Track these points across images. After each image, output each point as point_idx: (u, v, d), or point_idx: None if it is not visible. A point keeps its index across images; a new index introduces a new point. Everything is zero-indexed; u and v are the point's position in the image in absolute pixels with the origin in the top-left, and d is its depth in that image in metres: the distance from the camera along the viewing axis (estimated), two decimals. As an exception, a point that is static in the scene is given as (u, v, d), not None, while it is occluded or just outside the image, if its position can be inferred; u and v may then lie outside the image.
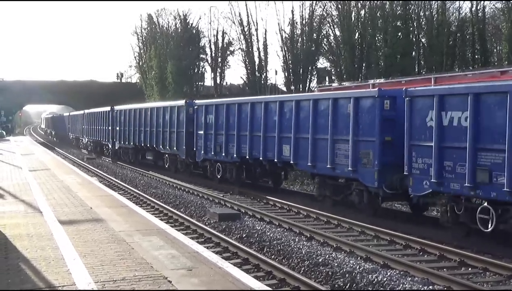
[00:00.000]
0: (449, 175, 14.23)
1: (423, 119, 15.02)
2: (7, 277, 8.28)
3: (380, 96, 16.88)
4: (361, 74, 42.29)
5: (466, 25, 40.67)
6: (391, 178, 16.50)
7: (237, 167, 24.99)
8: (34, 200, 16.23)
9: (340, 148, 18.26)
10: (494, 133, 13.12)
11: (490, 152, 13.20)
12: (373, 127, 17.04)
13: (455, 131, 14.07)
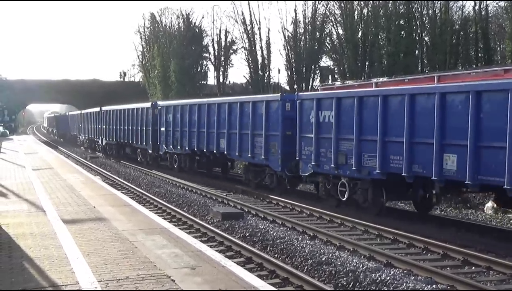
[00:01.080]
0: (323, 159, 18.91)
1: (308, 117, 19.63)
2: (10, 276, 8.29)
3: (282, 100, 21.60)
4: (364, 72, 42.31)
5: (469, 23, 40.65)
6: (290, 163, 20.93)
7: (190, 158, 29.91)
8: (38, 199, 16.24)
9: (257, 141, 22.91)
10: (348, 127, 17.60)
11: (346, 141, 17.78)
12: (277, 124, 21.73)
13: (326, 126, 18.65)
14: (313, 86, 48.84)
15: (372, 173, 16.84)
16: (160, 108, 33.60)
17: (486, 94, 13.65)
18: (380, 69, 40.59)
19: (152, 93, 65.73)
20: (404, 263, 11.91)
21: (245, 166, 25.41)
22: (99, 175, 29.76)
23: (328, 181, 19.10)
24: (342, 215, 17.11)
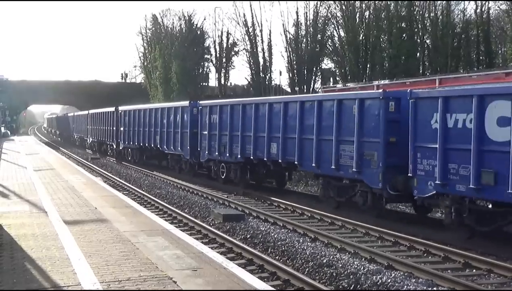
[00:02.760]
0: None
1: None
2: (12, 276, 8.31)
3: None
4: (365, 75, 42.33)
5: (471, 26, 40.68)
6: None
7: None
8: (39, 199, 16.27)
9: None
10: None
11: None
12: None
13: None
14: (314, 88, 48.90)
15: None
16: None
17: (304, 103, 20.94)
18: (382, 71, 40.63)
19: (154, 94, 65.76)
20: (405, 265, 11.92)
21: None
22: (101, 176, 29.80)
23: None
24: (343, 217, 17.12)
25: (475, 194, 13.86)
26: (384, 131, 16.94)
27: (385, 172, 16.83)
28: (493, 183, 13.25)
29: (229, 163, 26.11)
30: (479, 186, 13.58)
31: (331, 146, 18.83)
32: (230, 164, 25.99)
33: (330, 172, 19.08)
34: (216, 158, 26.99)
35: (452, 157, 14.39)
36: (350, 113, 18.23)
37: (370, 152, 17.40)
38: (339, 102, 18.78)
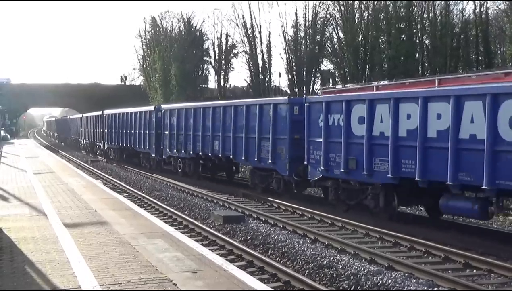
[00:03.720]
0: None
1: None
2: (12, 280, 8.31)
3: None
4: (364, 76, 42.33)
5: (470, 26, 40.68)
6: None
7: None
8: (39, 203, 16.27)
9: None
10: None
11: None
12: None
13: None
14: (313, 89, 48.88)
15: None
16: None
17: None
18: (381, 72, 40.63)
19: (153, 97, 65.77)
20: (405, 266, 11.91)
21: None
22: (100, 179, 29.77)
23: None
24: (343, 218, 17.12)
25: (345, 176, 18.41)
26: (290, 130, 21.41)
27: (291, 162, 21.29)
28: (355, 167, 17.85)
29: (184, 159, 30.92)
30: (347, 170, 18.20)
31: (254, 143, 23.40)
32: (185, 159, 30.77)
33: (254, 163, 23.89)
34: (175, 154, 31.78)
35: (331, 148, 18.88)
36: (267, 116, 22.69)
37: (281, 147, 21.87)
38: (260, 107, 23.31)
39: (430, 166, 15.27)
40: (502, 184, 13.43)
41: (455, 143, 14.47)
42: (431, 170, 15.29)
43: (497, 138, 13.49)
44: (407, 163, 16.01)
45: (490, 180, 13.56)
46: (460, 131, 14.42)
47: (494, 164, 13.53)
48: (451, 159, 14.47)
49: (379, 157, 16.96)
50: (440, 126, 15.02)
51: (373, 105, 17.23)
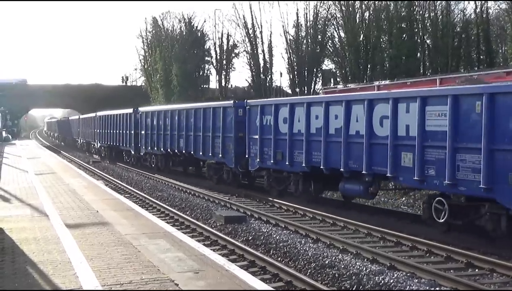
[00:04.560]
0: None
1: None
2: (14, 280, 8.30)
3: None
4: (366, 76, 42.33)
5: (471, 26, 40.68)
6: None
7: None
8: (41, 203, 16.25)
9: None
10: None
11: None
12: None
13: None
14: (315, 89, 48.90)
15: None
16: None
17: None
18: (382, 72, 40.64)
19: (155, 97, 65.78)
20: (407, 265, 11.90)
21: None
22: (102, 179, 29.77)
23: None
24: (344, 218, 17.11)
25: (274, 166, 22.00)
26: (235, 129, 25.08)
27: (236, 156, 25.00)
28: (281, 158, 21.36)
29: (157, 155, 34.96)
30: (275, 161, 21.76)
31: (209, 140, 27.15)
32: (158, 155, 34.85)
33: (209, 158, 27.83)
34: (150, 151, 35.82)
35: (265, 143, 22.57)
36: (218, 117, 26.43)
37: (228, 143, 25.61)
38: (214, 109, 27.19)
39: (330, 156, 18.95)
40: (376, 169, 17.03)
41: (346, 138, 18.14)
42: (330, 160, 18.96)
43: (372, 134, 17.10)
44: (315, 154, 19.74)
45: (368, 166, 17.22)
46: (349, 128, 18.08)
47: (370, 154, 17.16)
48: (343, 150, 18.18)
49: (298, 150, 20.70)
50: (337, 125, 18.67)
51: (293, 108, 21.01)
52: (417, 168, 15.35)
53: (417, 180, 15.39)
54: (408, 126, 15.85)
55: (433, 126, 15.00)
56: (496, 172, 13.37)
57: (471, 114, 14.04)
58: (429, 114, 15.15)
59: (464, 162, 14.11)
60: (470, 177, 13.93)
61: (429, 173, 15.10)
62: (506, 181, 13.01)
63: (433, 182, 15.04)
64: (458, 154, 14.27)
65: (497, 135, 13.38)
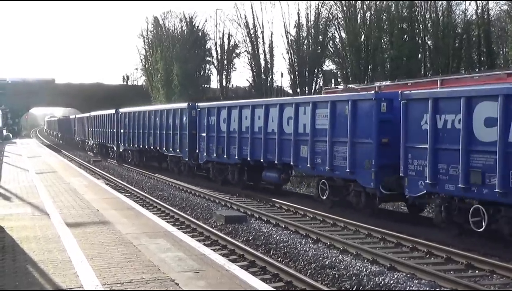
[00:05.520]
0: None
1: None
2: (15, 279, 8.31)
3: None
4: (367, 76, 42.31)
5: (472, 27, 40.65)
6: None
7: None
8: (41, 202, 16.27)
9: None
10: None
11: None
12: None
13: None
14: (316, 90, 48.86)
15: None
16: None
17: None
18: (383, 73, 40.63)
19: (155, 97, 65.76)
20: (408, 266, 11.91)
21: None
22: (102, 179, 29.80)
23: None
24: (345, 218, 17.11)
25: (217, 159, 26.51)
26: (188, 127, 29.56)
27: (189, 151, 29.38)
28: (221, 153, 25.65)
29: (133, 151, 39.77)
30: (217, 155, 26.17)
31: (170, 137, 31.92)
32: (134, 151, 39.66)
33: (170, 152, 32.25)
34: (127, 148, 40.58)
35: (210, 140, 26.94)
36: (176, 117, 31.14)
37: (184, 140, 30.11)
38: (173, 111, 31.90)
39: (255, 150, 23.24)
40: (284, 159, 21.42)
41: (265, 135, 22.51)
42: (255, 153, 23.23)
43: (282, 131, 21.51)
44: (245, 149, 23.97)
45: (279, 157, 21.71)
46: (267, 127, 22.38)
47: (280, 147, 21.56)
48: (263, 145, 22.62)
49: (233, 145, 24.84)
50: (259, 124, 22.96)
51: (230, 110, 25.36)
52: (310, 157, 19.81)
53: (309, 167, 19.93)
54: (305, 125, 20.19)
55: (320, 125, 19.40)
56: (356, 160, 17.79)
57: (342, 115, 18.44)
58: (318, 116, 19.55)
59: (338, 152, 18.61)
60: (342, 164, 18.33)
61: (317, 161, 19.58)
62: (363, 166, 17.49)
63: (320, 168, 19.50)
64: (334, 146, 18.73)
65: (358, 132, 17.77)
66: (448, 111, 14.60)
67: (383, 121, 17.25)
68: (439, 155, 14.77)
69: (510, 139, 13.04)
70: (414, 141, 15.55)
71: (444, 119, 14.68)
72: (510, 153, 13.04)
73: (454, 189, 14.32)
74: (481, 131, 13.72)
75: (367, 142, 17.47)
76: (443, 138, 14.68)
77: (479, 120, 13.77)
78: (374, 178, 17.15)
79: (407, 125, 15.82)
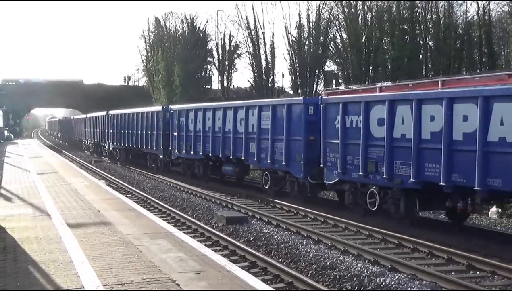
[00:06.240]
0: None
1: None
2: (16, 280, 8.32)
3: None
4: (368, 77, 42.27)
5: (473, 28, 40.58)
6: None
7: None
8: (42, 203, 16.28)
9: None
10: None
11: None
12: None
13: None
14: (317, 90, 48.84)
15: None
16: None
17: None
18: (384, 73, 40.60)
19: (157, 97, 65.75)
20: (409, 267, 11.90)
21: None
22: (104, 179, 29.81)
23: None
24: (346, 220, 17.11)
25: (186, 155, 30.66)
26: (163, 128, 33.42)
27: (164, 148, 33.29)
28: (190, 149, 29.56)
29: (120, 149, 43.82)
30: (186, 151, 30.10)
31: (148, 137, 35.87)
32: (121, 150, 43.59)
33: (148, 150, 36.34)
34: (116, 146, 44.49)
35: (180, 138, 30.82)
36: (153, 119, 35.23)
37: (159, 139, 34.04)
38: (151, 113, 36.03)
39: (215, 147, 26.99)
40: (238, 155, 25.05)
41: (223, 134, 26.11)
42: (215, 149, 27.04)
43: (235, 131, 25.14)
44: (207, 146, 27.79)
45: (233, 153, 25.34)
46: (225, 127, 26.04)
47: (235, 144, 25.15)
48: (221, 143, 26.26)
49: (198, 142, 28.73)
50: (219, 125, 26.63)
51: (196, 112, 29.32)
52: (256, 153, 23.41)
53: (256, 161, 23.66)
54: (253, 125, 23.82)
55: (264, 125, 23.07)
56: (290, 154, 21.36)
57: (280, 117, 22.15)
58: (263, 117, 23.24)
59: (277, 148, 22.19)
60: (280, 158, 21.97)
61: (262, 156, 23.22)
62: (295, 159, 21.04)
63: (264, 162, 23.16)
64: (275, 143, 22.31)
65: (291, 131, 21.41)
66: (353, 113, 18.05)
67: (310, 122, 20.60)
68: (347, 148, 18.16)
69: (394, 135, 16.40)
70: (330, 138, 19.03)
71: (350, 120, 18.14)
72: (394, 146, 16.37)
73: (357, 176, 17.72)
74: (375, 129, 17.11)
75: (298, 140, 20.97)
76: (350, 135, 18.07)
77: (374, 120, 17.18)
78: (303, 169, 20.56)
79: (325, 125, 19.34)
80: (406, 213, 16.38)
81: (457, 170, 14.52)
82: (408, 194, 16.29)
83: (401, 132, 16.16)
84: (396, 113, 16.35)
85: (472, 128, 14.18)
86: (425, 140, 15.44)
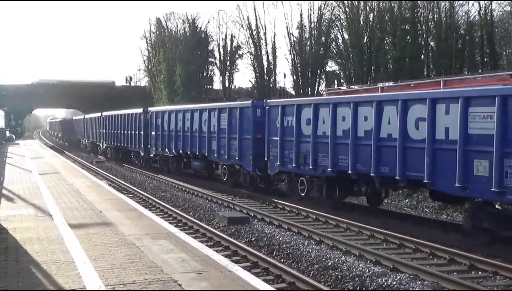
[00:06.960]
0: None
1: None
2: (18, 280, 8.33)
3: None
4: (369, 77, 42.23)
5: (475, 28, 40.51)
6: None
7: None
8: (44, 203, 16.29)
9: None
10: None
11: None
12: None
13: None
14: (318, 90, 48.83)
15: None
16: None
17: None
18: (386, 74, 40.56)
19: (158, 98, 65.75)
20: (411, 267, 11.90)
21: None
22: (105, 180, 29.82)
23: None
24: (348, 220, 17.11)
25: (162, 153, 34.39)
26: (144, 128, 37.09)
27: (144, 147, 37.12)
28: (165, 147, 33.30)
29: (111, 147, 47.03)
30: (162, 149, 33.99)
31: (132, 136, 39.78)
32: (112, 148, 46.90)
33: (132, 149, 40.30)
34: (108, 145, 47.90)
35: (157, 138, 34.56)
36: (135, 120, 39.17)
37: (140, 138, 37.81)
38: (134, 114, 39.79)
39: (185, 145, 30.54)
40: (202, 151, 28.42)
41: (191, 133, 29.66)
42: (185, 147, 30.61)
43: (200, 130, 28.69)
44: (179, 144, 31.34)
45: (199, 150, 28.77)
46: (192, 127, 29.49)
47: (200, 142, 28.63)
48: (190, 141, 29.75)
49: (171, 141, 32.38)
50: (187, 125, 30.20)
51: (170, 114, 33.15)
52: (217, 150, 26.86)
53: (216, 157, 27.06)
54: (214, 125, 27.17)
55: (223, 125, 26.29)
56: (242, 150, 24.62)
57: (235, 118, 25.30)
58: (222, 118, 26.55)
59: (233, 145, 25.32)
60: (234, 154, 25.12)
61: (221, 152, 26.43)
62: (246, 155, 24.30)
63: (223, 157, 26.44)
64: (231, 141, 25.52)
65: (243, 131, 24.61)
66: (289, 114, 21.36)
67: (258, 122, 23.75)
68: (285, 144, 21.48)
69: (318, 133, 19.67)
70: (272, 136, 22.39)
71: (287, 120, 21.46)
72: (317, 142, 19.64)
73: (292, 167, 21.07)
74: (304, 128, 20.38)
75: (248, 138, 24.26)
76: (286, 133, 21.39)
77: (304, 120, 20.47)
78: (252, 163, 23.91)
79: (269, 125, 22.72)
80: (327, 197, 19.83)
81: (360, 160, 17.83)
82: (329, 181, 19.67)
83: (322, 130, 19.48)
84: (319, 115, 19.67)
85: (370, 127, 17.31)
86: (339, 137, 18.74)
